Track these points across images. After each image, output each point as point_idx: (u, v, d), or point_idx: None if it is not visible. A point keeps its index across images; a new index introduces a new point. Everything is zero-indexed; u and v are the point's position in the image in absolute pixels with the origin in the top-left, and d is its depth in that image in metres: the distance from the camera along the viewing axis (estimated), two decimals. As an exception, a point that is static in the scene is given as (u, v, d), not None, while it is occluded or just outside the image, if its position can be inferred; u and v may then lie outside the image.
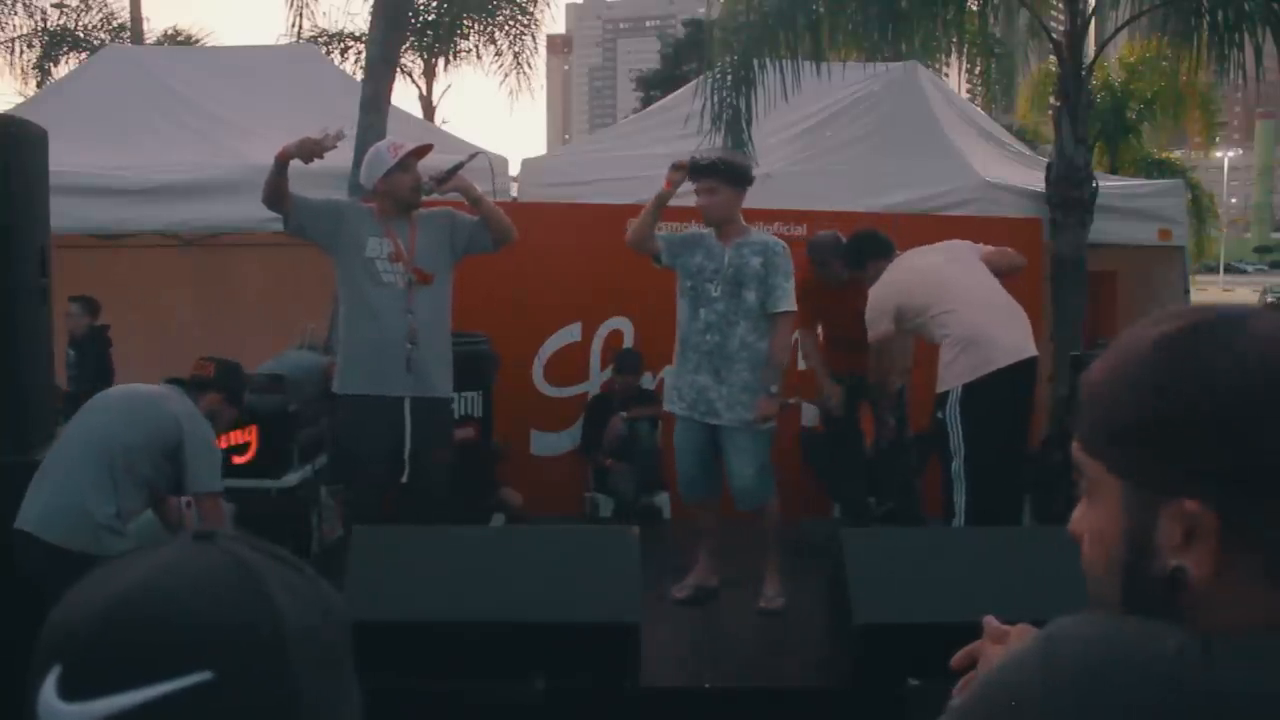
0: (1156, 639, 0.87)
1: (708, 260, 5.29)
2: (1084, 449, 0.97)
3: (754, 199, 7.56)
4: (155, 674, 0.76)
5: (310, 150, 4.65)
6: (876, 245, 5.79)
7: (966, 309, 5.28)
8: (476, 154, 5.30)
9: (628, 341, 7.20)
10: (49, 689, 0.78)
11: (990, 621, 1.27)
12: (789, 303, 5.22)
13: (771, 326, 5.24)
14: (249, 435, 5.61)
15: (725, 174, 5.31)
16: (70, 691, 0.77)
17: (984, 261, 5.47)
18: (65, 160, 5.94)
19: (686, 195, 5.50)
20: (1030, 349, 5.29)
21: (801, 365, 7.36)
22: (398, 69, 9.20)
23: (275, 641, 0.79)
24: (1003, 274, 5.49)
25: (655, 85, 27.71)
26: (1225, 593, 0.89)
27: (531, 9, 17.20)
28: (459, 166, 5.00)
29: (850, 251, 5.96)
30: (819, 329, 6.59)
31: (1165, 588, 0.90)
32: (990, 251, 5.56)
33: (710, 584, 5.48)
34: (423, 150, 5.01)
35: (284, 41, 15.18)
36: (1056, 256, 7.76)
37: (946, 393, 5.23)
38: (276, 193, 4.73)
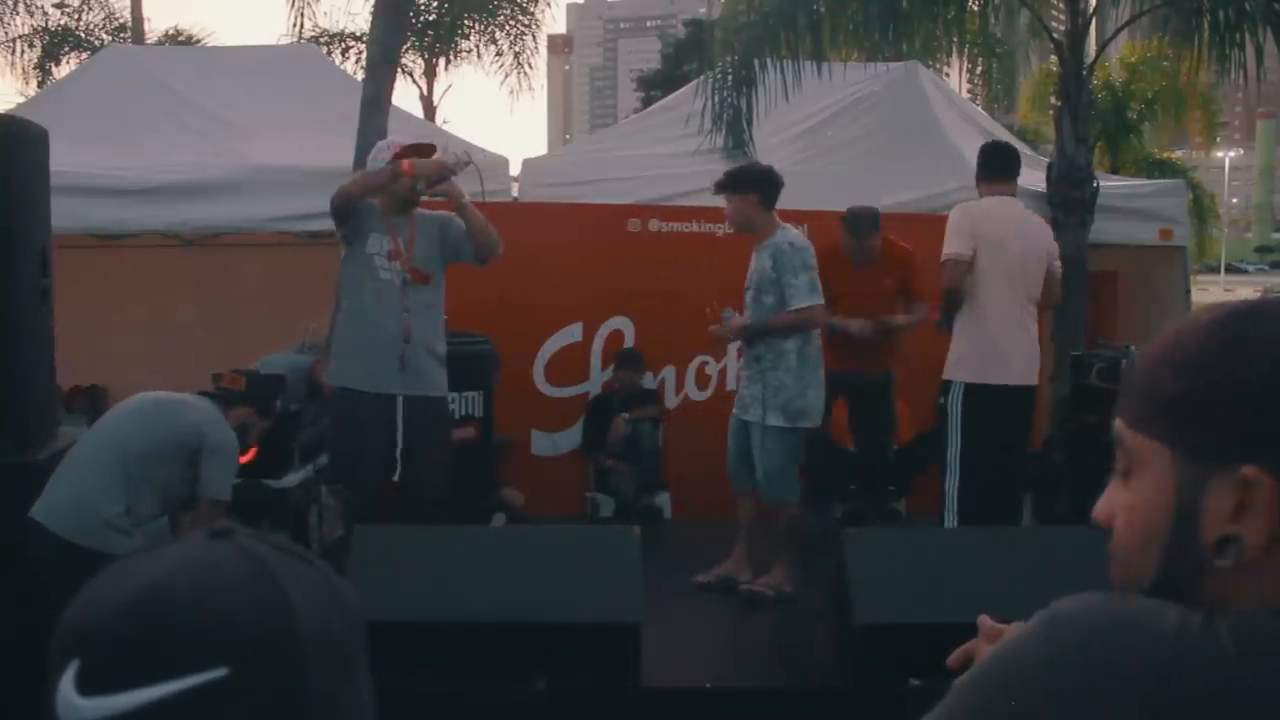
0: (1158, 616, 0.88)
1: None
2: (1130, 424, 0.97)
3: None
4: (172, 670, 0.77)
5: (440, 172, 4.74)
6: (1004, 162, 5.68)
7: (998, 313, 5.37)
8: (469, 163, 5.30)
9: (628, 341, 7.20)
10: (67, 683, 0.78)
11: (985, 621, 1.27)
12: (803, 298, 5.25)
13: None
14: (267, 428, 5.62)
15: (729, 184, 5.44)
16: (88, 686, 0.78)
17: (1045, 276, 5.53)
18: (65, 160, 5.93)
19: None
20: (1032, 379, 5.48)
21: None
22: (398, 69, 9.20)
23: (290, 638, 0.80)
24: (1042, 299, 5.59)
25: (656, 85, 27.70)
26: (1269, 565, 0.89)
27: (532, 9, 17.22)
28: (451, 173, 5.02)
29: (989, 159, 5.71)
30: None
31: (1200, 564, 0.91)
32: (1056, 270, 5.64)
33: (742, 577, 5.49)
34: (424, 150, 5.01)
35: (285, 41, 15.20)
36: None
37: (950, 382, 5.34)
38: (359, 201, 4.80)
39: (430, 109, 17.43)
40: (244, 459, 4.97)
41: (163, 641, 0.78)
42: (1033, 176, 8.35)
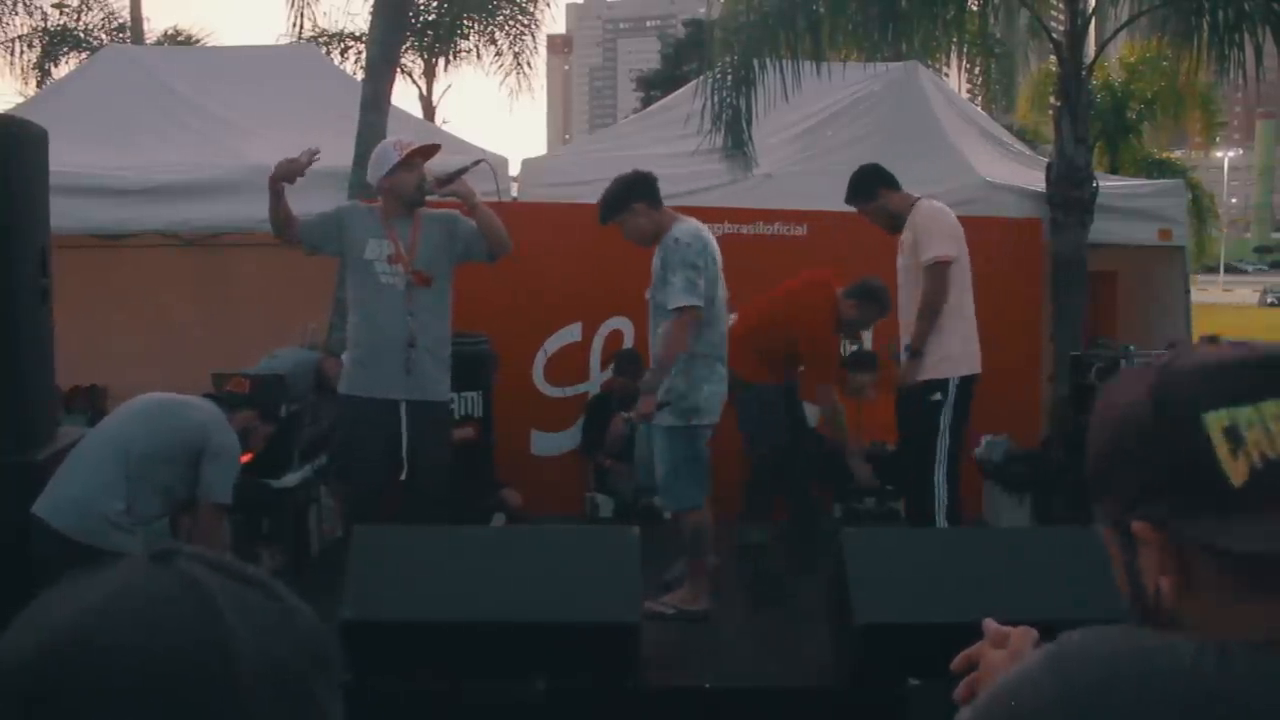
0: (1171, 651, 0.86)
1: None
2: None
3: (754, 199, 7.59)
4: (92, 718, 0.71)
5: (289, 170, 4.70)
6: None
7: (969, 305, 5.50)
8: (480, 162, 5.29)
9: (628, 342, 7.20)
10: None
11: (990, 624, 1.26)
12: (678, 298, 5.05)
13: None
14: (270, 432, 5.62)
15: (609, 212, 5.34)
16: None
17: None
18: (65, 160, 5.94)
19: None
20: None
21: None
22: (398, 69, 9.20)
23: (226, 680, 0.73)
24: None
25: (655, 85, 27.69)
26: (1204, 610, 0.90)
27: (531, 9, 17.18)
28: (462, 171, 5.00)
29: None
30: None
31: (1159, 610, 0.93)
32: None
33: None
34: (429, 150, 5.00)
35: (284, 41, 15.19)
36: (1056, 256, 7.76)
37: (945, 380, 5.40)
38: (282, 222, 4.82)
39: (430, 109, 17.41)
40: (243, 459, 4.99)
41: (82, 687, 0.72)
42: (1032, 176, 8.36)
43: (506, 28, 17.19)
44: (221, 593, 0.76)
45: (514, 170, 8.23)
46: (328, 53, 15.68)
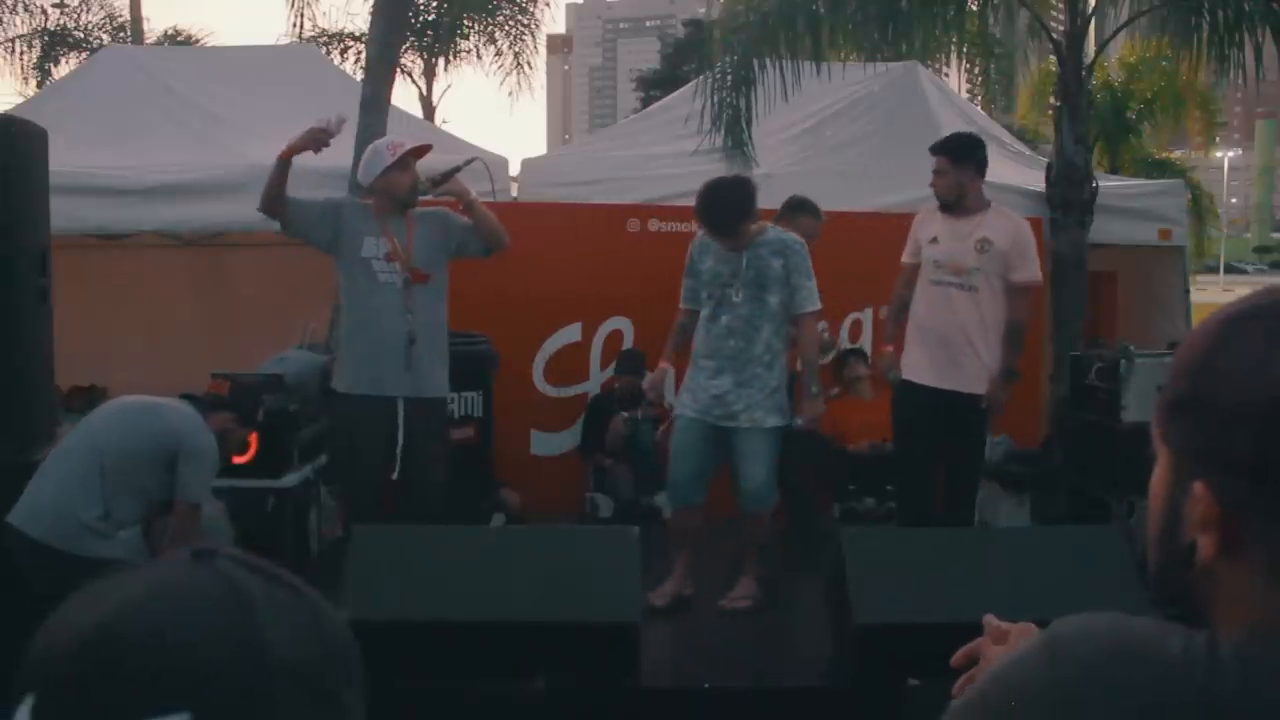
0: (1162, 639, 0.87)
1: (722, 265, 5.20)
2: (1155, 409, 0.98)
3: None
4: (128, 712, 0.73)
5: (318, 139, 4.65)
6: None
7: None
8: (473, 160, 5.29)
9: (628, 342, 7.19)
10: (21, 717, 0.75)
11: (990, 620, 1.26)
12: (814, 301, 5.23)
13: (800, 326, 5.25)
14: (249, 435, 5.61)
15: (738, 220, 5.18)
16: None
17: None
18: (65, 160, 5.93)
19: (688, 196, 5.53)
20: None
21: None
22: (398, 69, 9.20)
23: (261, 678, 0.75)
24: None
25: (655, 85, 27.67)
26: (1233, 582, 0.90)
27: (531, 9, 17.19)
28: (456, 170, 5.01)
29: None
30: None
31: (1185, 559, 0.91)
32: None
33: (686, 592, 5.38)
34: (422, 150, 5.01)
35: (284, 41, 15.21)
36: (1056, 256, 7.75)
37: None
38: (275, 197, 4.73)
39: (430, 109, 17.42)
40: (244, 458, 4.99)
41: (120, 681, 0.73)
42: (1032, 176, 8.36)
43: (506, 28, 17.20)
44: (258, 593, 0.78)
45: (514, 170, 8.22)
46: (327, 53, 15.68)
